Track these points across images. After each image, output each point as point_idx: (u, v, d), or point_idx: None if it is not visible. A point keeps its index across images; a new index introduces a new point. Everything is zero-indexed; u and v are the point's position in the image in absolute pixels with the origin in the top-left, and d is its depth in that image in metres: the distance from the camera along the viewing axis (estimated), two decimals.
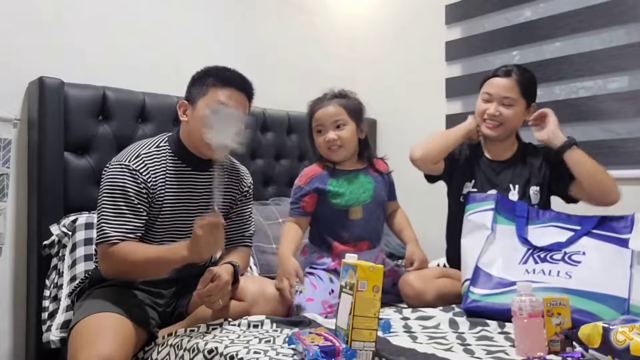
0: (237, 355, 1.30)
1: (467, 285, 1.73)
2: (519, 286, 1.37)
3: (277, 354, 1.29)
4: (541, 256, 1.71)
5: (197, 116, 1.62)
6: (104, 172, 1.64)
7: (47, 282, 2.00)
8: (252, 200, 1.89)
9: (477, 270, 1.75)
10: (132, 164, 1.60)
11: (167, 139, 1.72)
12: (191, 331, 1.52)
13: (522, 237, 1.77)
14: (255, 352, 1.29)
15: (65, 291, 1.91)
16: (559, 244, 1.71)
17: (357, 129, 1.93)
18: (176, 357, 1.44)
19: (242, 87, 1.66)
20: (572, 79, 2.50)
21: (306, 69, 3.07)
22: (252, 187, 1.87)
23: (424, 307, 1.77)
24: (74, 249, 1.96)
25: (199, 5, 2.67)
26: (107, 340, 1.40)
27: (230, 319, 1.58)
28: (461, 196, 2.02)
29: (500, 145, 2.04)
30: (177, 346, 1.46)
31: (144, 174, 1.60)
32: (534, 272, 1.67)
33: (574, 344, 1.29)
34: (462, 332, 1.52)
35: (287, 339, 1.37)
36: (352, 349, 1.22)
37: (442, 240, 2.16)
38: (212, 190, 1.72)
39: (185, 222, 1.68)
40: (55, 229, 2.01)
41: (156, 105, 2.34)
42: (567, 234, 1.74)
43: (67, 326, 1.81)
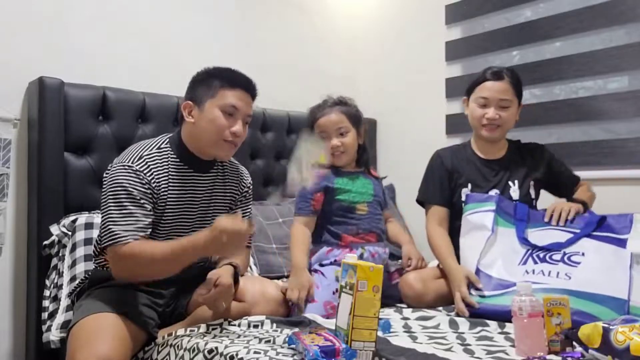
0: (237, 355, 1.30)
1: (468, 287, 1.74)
2: (519, 286, 1.37)
3: (277, 354, 1.29)
4: (540, 256, 1.73)
5: (206, 118, 1.62)
6: (105, 174, 1.63)
7: (47, 282, 2.00)
8: (251, 200, 1.89)
9: (478, 271, 1.77)
10: (135, 165, 1.58)
11: (168, 140, 1.70)
12: (191, 331, 1.52)
13: (522, 238, 1.79)
14: (255, 352, 1.29)
15: (65, 291, 1.91)
16: (559, 244, 1.73)
17: (357, 135, 2.04)
18: (176, 357, 1.44)
19: (248, 87, 1.68)
20: (572, 79, 2.50)
21: (306, 69, 3.06)
22: (251, 187, 1.87)
23: (424, 308, 1.78)
24: (73, 249, 1.96)
25: (199, 5, 2.67)
26: (105, 340, 1.40)
27: (230, 319, 1.58)
28: (461, 203, 2.00)
29: (494, 145, 2.06)
30: (177, 346, 1.46)
31: (147, 175, 1.59)
32: (533, 272, 1.68)
33: (574, 344, 1.29)
34: (462, 332, 1.53)
35: (287, 339, 1.37)
36: (352, 349, 1.22)
37: None
38: (214, 191, 1.73)
39: (186, 224, 1.68)
40: (55, 229, 2.01)
41: (156, 105, 2.34)
42: (566, 236, 1.76)
43: (67, 326, 1.81)
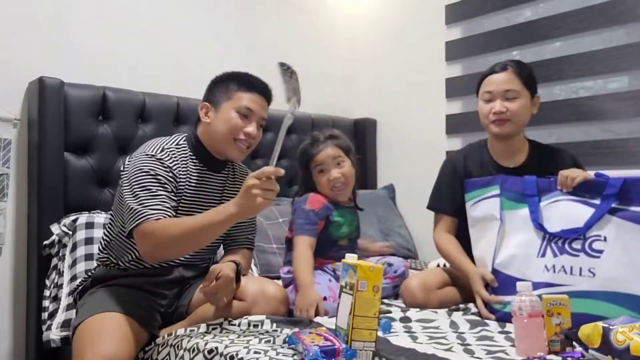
0: (237, 355, 1.29)
1: (489, 292, 1.68)
2: (519, 286, 1.37)
3: (277, 354, 1.29)
4: (559, 245, 1.59)
5: (221, 118, 1.66)
6: (127, 164, 1.62)
7: (47, 282, 2.00)
8: None
9: (495, 273, 1.68)
10: (158, 155, 1.61)
11: (184, 138, 1.73)
12: (191, 331, 1.52)
13: (536, 223, 1.65)
14: (255, 352, 1.29)
15: (65, 290, 1.91)
16: (577, 230, 1.58)
17: (351, 164, 1.99)
18: (176, 357, 1.44)
19: (265, 92, 1.73)
20: (572, 79, 2.50)
21: (306, 69, 3.04)
22: None
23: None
24: (74, 248, 1.97)
25: (199, 5, 2.67)
26: (112, 340, 1.41)
27: (230, 319, 1.58)
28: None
29: (510, 147, 1.91)
30: (177, 346, 1.46)
31: (169, 161, 1.61)
32: (554, 269, 1.57)
33: (574, 344, 1.29)
34: (462, 332, 1.52)
35: (287, 339, 1.37)
36: (352, 349, 1.22)
37: None
38: (223, 190, 1.74)
39: None
40: (55, 229, 2.01)
41: (156, 105, 2.34)
42: (586, 211, 1.59)
43: (67, 325, 1.81)
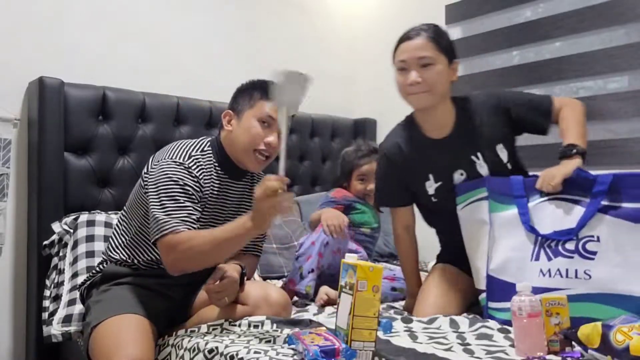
0: (237, 355, 1.30)
1: (484, 298, 1.64)
2: (519, 286, 1.37)
3: (277, 354, 1.29)
4: (552, 247, 1.55)
5: (243, 127, 1.65)
6: (153, 167, 1.61)
7: (47, 282, 2.00)
8: None
9: (490, 279, 1.63)
10: (187, 163, 1.59)
11: (209, 144, 1.71)
12: (191, 331, 1.52)
13: (527, 225, 1.59)
14: (255, 352, 1.29)
15: (66, 287, 1.91)
16: (570, 231, 1.53)
17: None
18: (177, 357, 1.44)
19: None
20: (572, 79, 2.50)
21: (306, 69, 3.05)
22: None
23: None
24: (75, 245, 1.97)
25: (199, 5, 2.67)
26: (137, 343, 1.41)
27: (230, 320, 1.58)
28: (430, 197, 1.82)
29: (434, 117, 1.78)
30: (178, 346, 1.46)
31: (197, 171, 1.60)
32: (550, 273, 1.53)
33: (573, 343, 1.29)
34: (463, 332, 1.52)
35: (287, 339, 1.37)
36: (352, 349, 1.22)
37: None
38: (243, 199, 1.74)
39: (210, 224, 1.67)
40: (57, 227, 2.02)
41: (156, 105, 2.34)
42: (576, 210, 1.55)
43: (69, 320, 1.82)
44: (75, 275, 1.91)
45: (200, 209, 1.58)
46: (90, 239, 1.98)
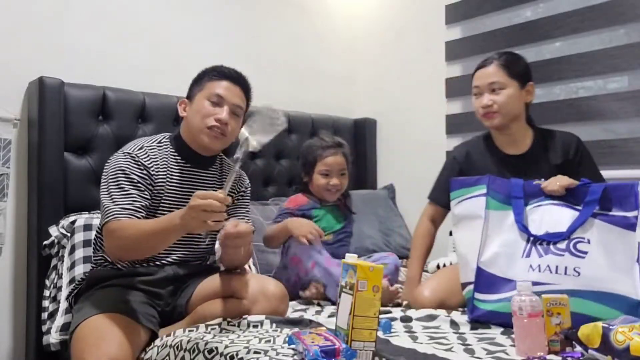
0: (237, 355, 1.29)
1: (471, 290, 1.63)
2: (519, 286, 1.37)
3: (277, 354, 1.29)
4: (544, 246, 1.61)
5: (194, 109, 1.70)
6: (106, 164, 1.67)
7: (47, 282, 2.00)
8: (249, 201, 1.89)
9: (479, 272, 1.65)
10: (134, 152, 1.66)
11: (167, 137, 1.77)
12: (190, 331, 1.52)
13: (520, 225, 1.66)
14: (255, 352, 1.29)
15: (64, 293, 1.91)
16: (561, 234, 1.61)
17: (348, 176, 2.21)
18: (176, 358, 1.44)
19: (237, 80, 1.74)
20: (572, 79, 2.50)
21: (306, 69, 3.07)
22: (249, 189, 1.89)
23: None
24: (72, 250, 1.96)
25: (199, 5, 2.67)
26: (112, 341, 1.40)
27: (229, 319, 1.58)
28: None
29: (511, 136, 1.93)
30: (177, 346, 1.46)
31: (146, 161, 1.66)
32: (539, 269, 1.57)
33: (574, 343, 1.29)
34: (463, 333, 1.52)
35: (287, 339, 1.37)
36: (352, 349, 1.22)
37: (440, 240, 2.16)
38: (212, 187, 1.74)
39: None
40: (54, 231, 2.01)
41: (156, 105, 2.34)
42: (569, 214, 1.63)
43: (66, 329, 1.81)
44: (72, 280, 1.90)
45: (147, 197, 1.63)
46: (87, 243, 1.96)
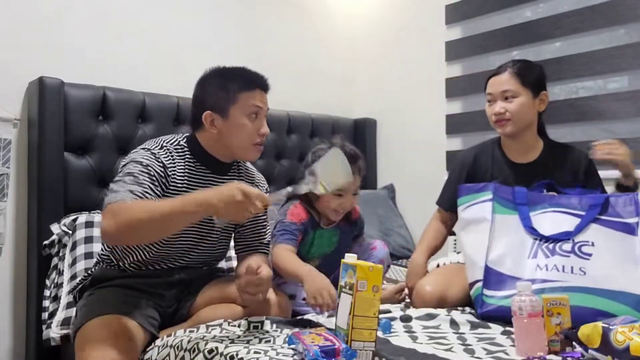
0: (237, 355, 1.29)
1: (480, 287, 1.67)
2: (519, 286, 1.37)
3: (277, 354, 1.29)
4: (550, 248, 1.65)
5: (233, 125, 1.58)
6: (124, 159, 1.59)
7: (47, 282, 2.00)
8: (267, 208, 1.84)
9: (488, 270, 1.68)
10: (155, 149, 1.58)
11: (186, 140, 1.67)
12: (191, 332, 1.52)
13: (528, 227, 1.71)
14: (255, 352, 1.29)
15: (65, 289, 1.91)
16: (567, 233, 1.66)
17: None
18: (176, 358, 1.44)
19: (265, 85, 1.65)
20: (572, 79, 2.50)
21: (306, 69, 3.07)
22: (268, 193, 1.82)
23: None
24: (74, 247, 1.97)
25: (199, 5, 2.67)
26: (114, 344, 1.40)
27: (230, 320, 1.58)
28: None
29: (521, 144, 1.94)
30: (177, 347, 1.45)
31: (166, 160, 1.58)
32: (546, 268, 1.61)
33: (574, 344, 1.29)
34: (463, 333, 1.52)
35: (287, 339, 1.37)
36: (352, 349, 1.22)
37: None
38: None
39: (196, 224, 1.64)
40: (55, 228, 2.01)
41: (156, 105, 2.34)
42: (573, 221, 1.68)
43: (67, 323, 1.81)
44: (74, 277, 1.91)
45: (159, 194, 1.52)
46: (89, 240, 1.98)
